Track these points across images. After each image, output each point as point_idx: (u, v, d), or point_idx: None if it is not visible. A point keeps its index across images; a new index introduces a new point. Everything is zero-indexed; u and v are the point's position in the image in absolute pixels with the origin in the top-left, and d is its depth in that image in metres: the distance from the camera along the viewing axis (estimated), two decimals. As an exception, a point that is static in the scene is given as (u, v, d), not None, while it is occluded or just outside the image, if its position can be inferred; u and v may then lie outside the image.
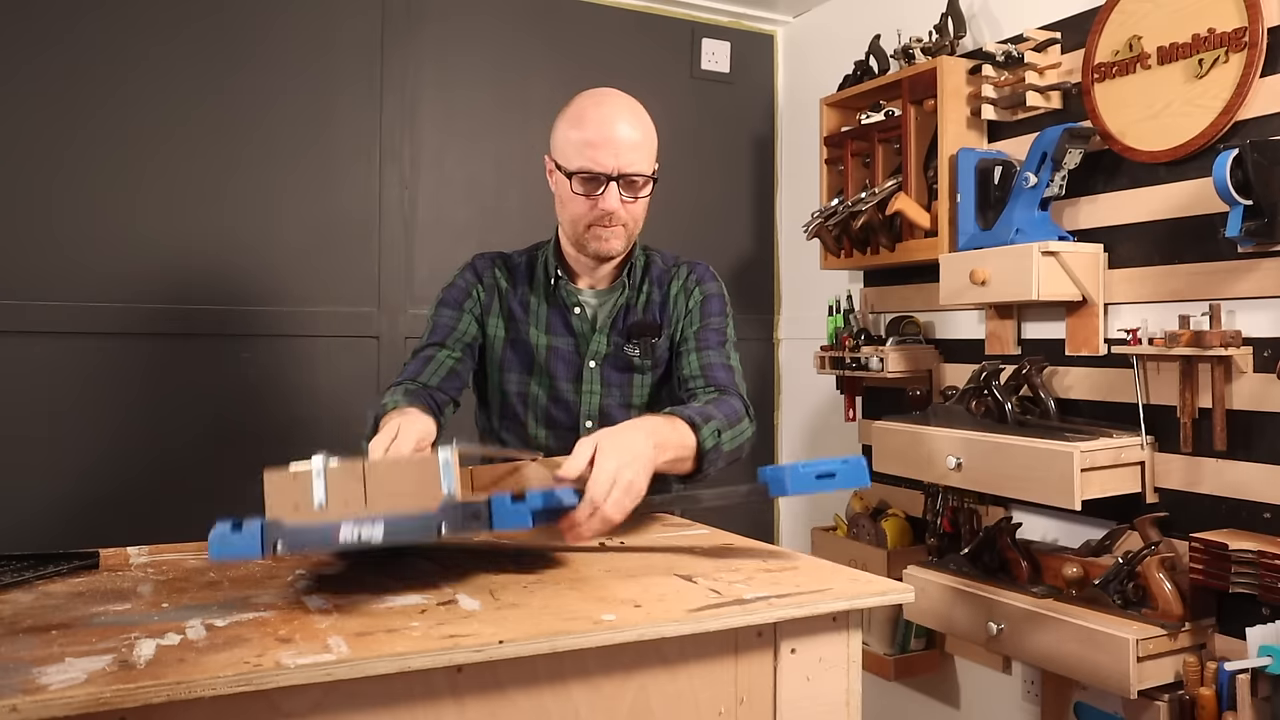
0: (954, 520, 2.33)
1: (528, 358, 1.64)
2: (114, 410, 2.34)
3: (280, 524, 0.99)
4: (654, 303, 1.66)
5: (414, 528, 0.97)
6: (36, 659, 0.85)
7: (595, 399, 1.64)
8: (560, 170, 1.54)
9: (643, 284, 1.67)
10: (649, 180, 1.55)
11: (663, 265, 1.69)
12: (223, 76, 2.46)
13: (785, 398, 3.20)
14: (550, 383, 1.64)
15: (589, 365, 1.64)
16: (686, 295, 1.67)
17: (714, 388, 1.55)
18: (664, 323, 1.65)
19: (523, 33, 2.82)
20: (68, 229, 2.30)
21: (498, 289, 1.66)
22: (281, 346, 2.51)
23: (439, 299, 1.66)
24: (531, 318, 1.64)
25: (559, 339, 1.64)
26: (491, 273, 1.67)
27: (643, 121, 1.55)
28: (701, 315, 1.65)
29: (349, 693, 0.89)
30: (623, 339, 1.63)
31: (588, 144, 1.49)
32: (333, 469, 1.00)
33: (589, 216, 1.53)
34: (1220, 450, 1.82)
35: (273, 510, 1.00)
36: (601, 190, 1.50)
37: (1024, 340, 2.27)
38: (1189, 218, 1.90)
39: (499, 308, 1.65)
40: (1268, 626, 1.69)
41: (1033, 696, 2.22)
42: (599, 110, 1.53)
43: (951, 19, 2.38)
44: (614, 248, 1.56)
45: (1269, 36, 1.76)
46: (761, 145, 3.21)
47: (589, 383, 1.64)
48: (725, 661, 1.07)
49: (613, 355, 1.64)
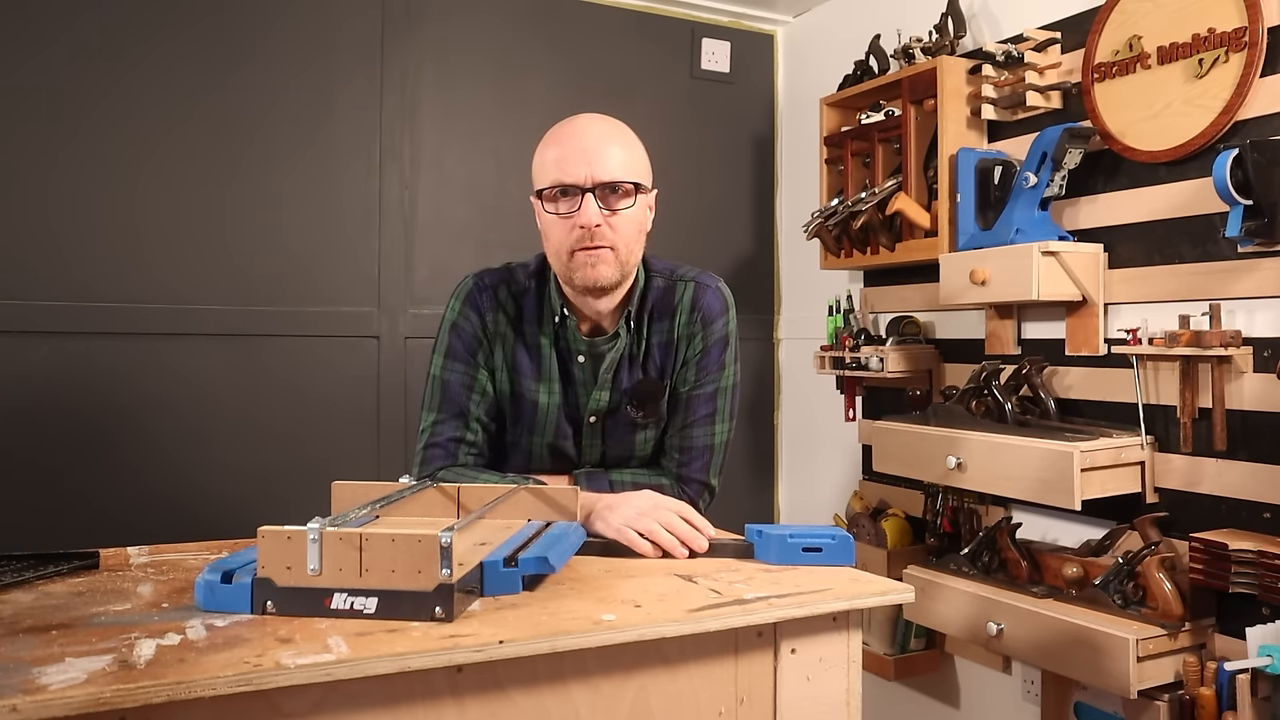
0: (954, 520, 2.33)
1: (530, 413, 1.54)
2: (114, 410, 2.34)
3: (271, 583, 1.00)
4: (655, 347, 1.53)
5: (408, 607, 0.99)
6: (36, 659, 0.85)
7: (596, 451, 1.57)
8: (537, 197, 1.44)
9: (642, 324, 1.53)
10: (631, 190, 1.41)
11: (663, 285, 1.53)
12: (223, 76, 2.46)
13: (785, 398, 3.20)
14: (552, 437, 1.55)
15: (589, 420, 1.54)
16: (687, 343, 1.53)
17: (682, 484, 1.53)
18: (665, 371, 1.54)
19: (523, 33, 2.82)
20: (68, 229, 2.30)
21: (501, 337, 1.53)
22: (281, 346, 2.51)
23: (446, 345, 1.53)
24: (535, 368, 1.52)
25: (560, 392, 1.53)
26: (495, 315, 1.52)
27: (621, 133, 1.44)
28: (696, 374, 1.53)
29: (349, 693, 0.89)
30: (624, 397, 1.53)
31: (560, 159, 1.39)
32: (329, 534, 1.00)
33: (569, 240, 1.39)
34: (1220, 450, 1.82)
35: (265, 568, 1.00)
36: (578, 206, 1.38)
37: (1024, 340, 2.27)
38: (1189, 218, 1.90)
39: (503, 358, 1.53)
40: (1268, 626, 1.69)
41: (1033, 696, 2.22)
42: (571, 125, 1.44)
43: (951, 19, 2.38)
44: (601, 275, 1.41)
45: (1269, 36, 1.76)
46: (761, 145, 3.21)
47: (589, 437, 1.55)
48: (725, 661, 1.07)
49: (613, 412, 1.54)
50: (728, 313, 1.55)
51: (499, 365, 1.53)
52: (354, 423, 2.60)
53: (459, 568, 1.00)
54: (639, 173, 1.44)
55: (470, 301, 1.53)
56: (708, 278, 1.56)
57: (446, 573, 0.98)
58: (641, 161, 1.46)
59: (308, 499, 2.51)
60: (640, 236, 1.46)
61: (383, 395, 2.62)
